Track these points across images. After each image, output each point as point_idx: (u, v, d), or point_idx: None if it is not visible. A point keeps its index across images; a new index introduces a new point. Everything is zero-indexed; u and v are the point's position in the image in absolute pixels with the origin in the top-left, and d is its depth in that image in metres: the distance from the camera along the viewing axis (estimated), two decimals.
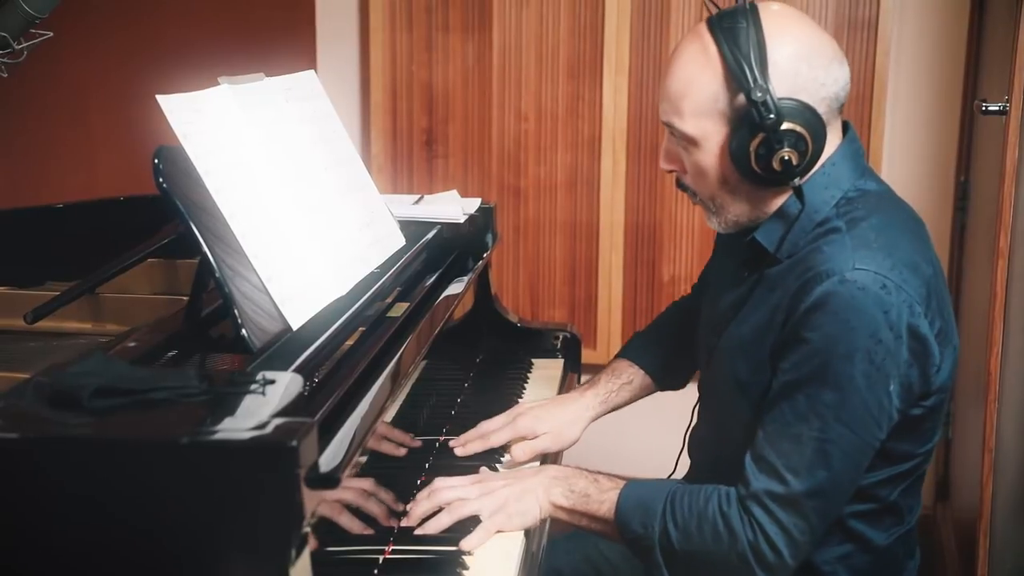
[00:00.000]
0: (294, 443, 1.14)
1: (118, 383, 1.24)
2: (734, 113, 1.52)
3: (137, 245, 1.85)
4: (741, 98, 1.50)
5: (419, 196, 2.36)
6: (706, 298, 1.83)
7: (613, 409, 2.00)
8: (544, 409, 1.93)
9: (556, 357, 2.37)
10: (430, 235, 2.11)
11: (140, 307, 1.86)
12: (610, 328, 3.32)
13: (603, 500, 1.63)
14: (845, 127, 1.62)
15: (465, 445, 1.84)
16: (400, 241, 1.94)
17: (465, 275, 2.13)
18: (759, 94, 1.47)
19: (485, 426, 1.88)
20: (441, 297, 1.97)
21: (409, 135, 3.36)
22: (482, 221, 2.31)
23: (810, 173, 1.56)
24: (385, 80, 3.33)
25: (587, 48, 3.20)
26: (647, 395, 2.05)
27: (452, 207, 2.24)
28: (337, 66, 3.40)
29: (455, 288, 2.04)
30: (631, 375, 2.01)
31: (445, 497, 1.62)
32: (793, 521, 1.49)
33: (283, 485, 1.14)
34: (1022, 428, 2.35)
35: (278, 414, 1.21)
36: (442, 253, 2.14)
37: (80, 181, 3.27)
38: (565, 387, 2.27)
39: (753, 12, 1.51)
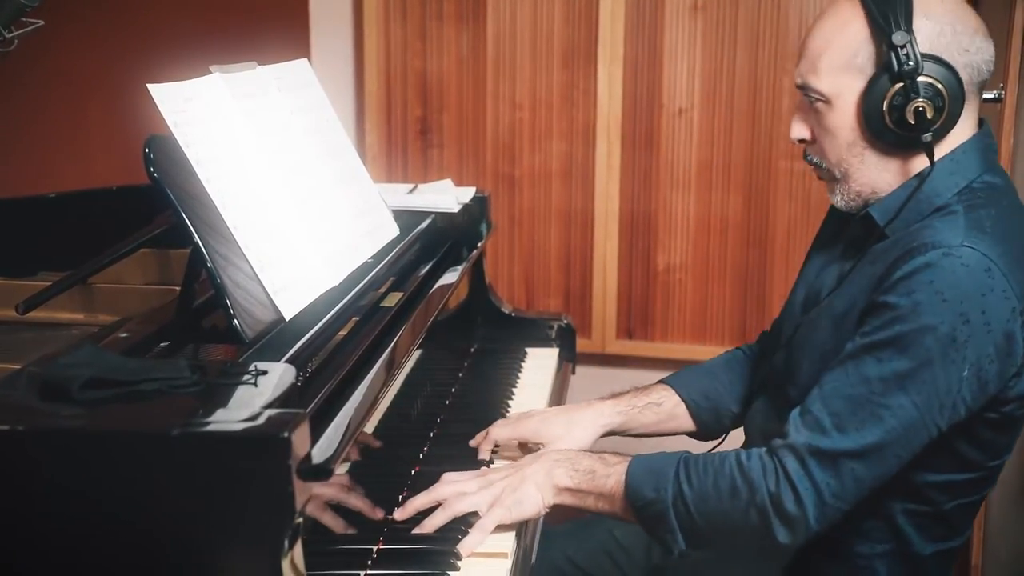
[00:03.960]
0: (286, 434, 1.13)
1: (109, 374, 1.23)
2: (873, 66, 1.52)
3: (130, 235, 1.84)
4: (882, 49, 1.50)
5: (413, 185, 2.35)
6: (802, 278, 1.77)
7: (636, 429, 1.90)
8: (555, 412, 1.88)
9: (551, 346, 2.37)
10: (424, 224, 2.10)
11: (132, 297, 1.85)
12: (605, 317, 3.32)
13: (610, 474, 1.58)
14: (981, 123, 1.60)
15: (479, 445, 1.81)
16: (394, 231, 1.94)
17: (459, 264, 2.12)
18: (901, 39, 1.48)
19: (496, 424, 1.84)
20: (435, 287, 1.96)
21: (403, 124, 3.35)
22: (477, 210, 2.31)
23: (942, 151, 1.54)
24: (379, 69, 3.32)
25: (581, 37, 3.20)
26: (681, 429, 1.93)
27: (446, 196, 2.24)
28: (331, 55, 3.39)
29: (449, 278, 2.03)
30: (662, 397, 1.91)
31: (444, 492, 1.59)
32: (826, 479, 1.45)
33: (275, 477, 1.14)
34: None
35: (270, 405, 1.20)
36: (436, 242, 2.14)
37: (73, 171, 3.25)
38: (560, 376, 2.26)
39: None
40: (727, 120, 3.16)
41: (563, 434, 1.81)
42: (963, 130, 1.55)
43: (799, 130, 1.63)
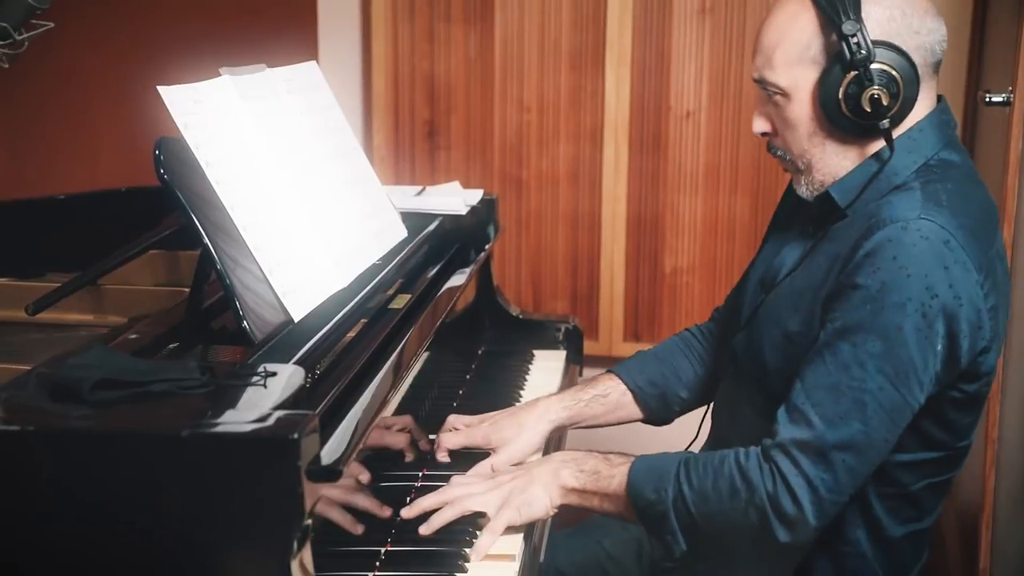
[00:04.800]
0: (295, 436, 1.14)
1: (119, 375, 1.24)
2: (825, 57, 1.53)
3: (139, 236, 1.85)
4: (833, 39, 1.51)
5: (421, 188, 2.36)
6: (760, 257, 1.77)
7: (584, 422, 1.90)
8: (506, 416, 1.86)
9: (558, 349, 2.37)
10: (432, 227, 2.10)
11: (142, 298, 1.86)
12: (612, 320, 3.32)
13: (613, 475, 1.58)
14: (939, 99, 1.62)
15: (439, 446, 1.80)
16: (402, 233, 1.94)
17: (467, 267, 2.12)
18: (850, 28, 1.48)
19: (450, 422, 1.84)
20: (443, 289, 1.97)
21: (411, 126, 3.36)
22: (484, 213, 2.31)
23: (899, 130, 1.55)
24: (387, 71, 3.32)
25: (589, 39, 3.20)
26: (631, 418, 1.94)
27: (454, 199, 2.24)
28: (339, 57, 3.39)
29: (457, 280, 2.04)
30: (608, 388, 1.92)
31: (453, 493, 1.59)
32: (819, 474, 1.45)
33: (285, 478, 1.14)
34: None
35: (279, 406, 1.21)
36: (444, 245, 2.14)
37: (82, 172, 3.26)
38: (567, 379, 2.26)
39: None
40: (735, 123, 3.16)
41: (514, 437, 1.80)
42: (920, 108, 1.56)
43: (760, 124, 1.64)
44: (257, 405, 1.21)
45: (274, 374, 1.28)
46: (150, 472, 1.16)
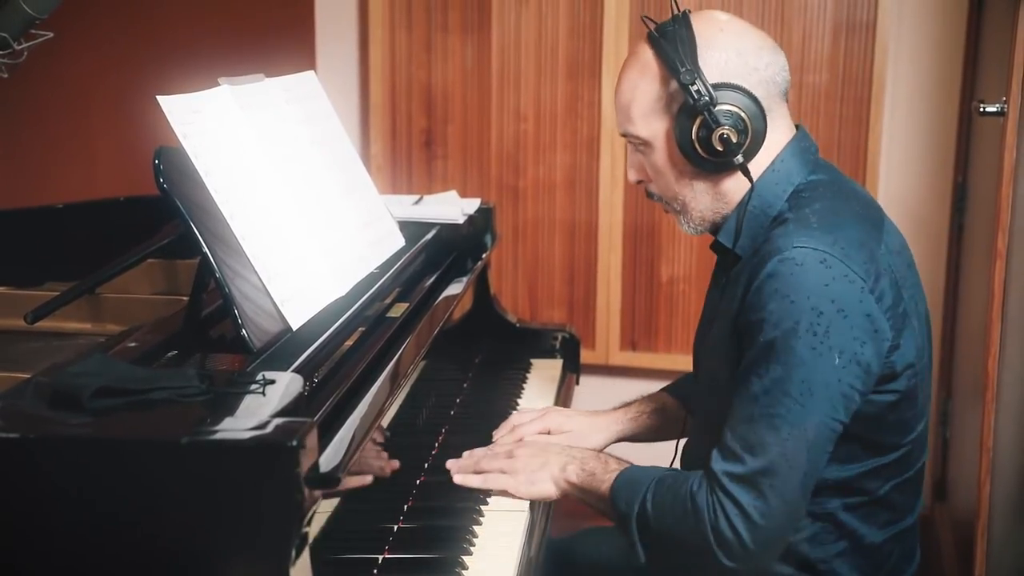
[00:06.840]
0: (294, 443, 1.14)
1: (118, 383, 1.24)
2: (675, 105, 1.60)
3: (137, 245, 1.86)
4: (678, 89, 1.58)
5: (418, 197, 2.36)
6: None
7: (644, 432, 1.99)
8: (576, 412, 1.99)
9: (555, 357, 2.38)
10: (429, 236, 2.11)
11: (140, 307, 1.86)
12: (608, 328, 3.33)
13: (604, 480, 1.67)
14: (796, 128, 1.68)
15: (497, 438, 1.91)
16: (400, 242, 1.95)
17: (464, 275, 2.13)
18: (688, 77, 1.56)
19: (516, 419, 1.94)
20: (440, 297, 1.97)
21: (408, 135, 3.37)
22: (481, 222, 2.31)
23: (763, 164, 1.62)
24: (384, 80, 3.33)
25: (586, 48, 3.21)
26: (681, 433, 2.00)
27: (451, 208, 2.25)
28: (336, 66, 3.40)
29: (454, 288, 2.04)
30: (664, 402, 2.01)
31: (478, 452, 1.78)
32: (751, 502, 1.51)
33: (283, 485, 1.15)
34: (1020, 429, 2.35)
35: (278, 414, 1.21)
36: (441, 254, 2.15)
37: (80, 181, 3.27)
38: (564, 387, 2.27)
39: (684, 19, 1.61)
40: None
41: (580, 431, 1.92)
42: (779, 136, 1.64)
43: (633, 174, 1.73)
44: (256, 413, 1.22)
45: (272, 382, 1.29)
46: (149, 480, 1.16)
